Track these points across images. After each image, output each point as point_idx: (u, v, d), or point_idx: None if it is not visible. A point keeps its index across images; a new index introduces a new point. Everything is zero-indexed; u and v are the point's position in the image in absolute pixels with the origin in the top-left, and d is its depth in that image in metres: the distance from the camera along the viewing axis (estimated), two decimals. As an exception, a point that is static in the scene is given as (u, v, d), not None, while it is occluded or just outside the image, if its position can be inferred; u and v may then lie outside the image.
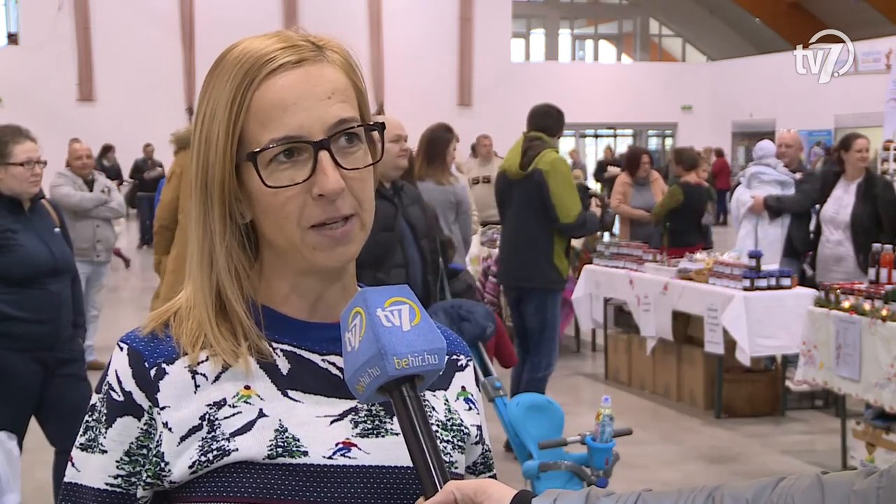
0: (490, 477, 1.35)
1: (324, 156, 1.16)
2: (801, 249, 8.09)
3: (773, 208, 8.01)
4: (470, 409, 1.32)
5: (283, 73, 1.18)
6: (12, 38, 25.22)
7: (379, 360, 1.09)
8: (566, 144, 27.97)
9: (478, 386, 1.37)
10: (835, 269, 7.44)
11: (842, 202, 7.44)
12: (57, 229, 4.44)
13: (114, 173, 14.90)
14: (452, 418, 1.29)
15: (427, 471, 1.10)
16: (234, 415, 1.18)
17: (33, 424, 4.50)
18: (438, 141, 6.64)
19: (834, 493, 1.02)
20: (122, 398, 1.20)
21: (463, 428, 1.29)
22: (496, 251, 9.63)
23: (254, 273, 1.24)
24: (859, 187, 7.37)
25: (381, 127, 1.24)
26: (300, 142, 1.17)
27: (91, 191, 8.21)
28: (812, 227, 8.05)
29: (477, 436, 1.32)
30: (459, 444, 1.28)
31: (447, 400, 1.30)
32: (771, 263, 7.41)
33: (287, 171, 1.17)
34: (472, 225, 6.87)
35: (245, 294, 1.23)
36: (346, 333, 1.14)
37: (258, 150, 1.17)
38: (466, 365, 1.35)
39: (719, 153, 23.59)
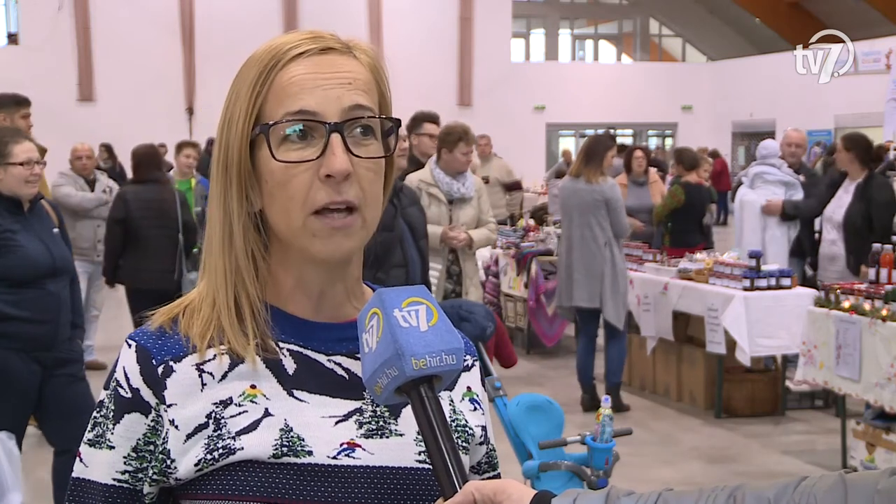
0: (494, 476, 1.36)
1: (335, 138, 1.17)
2: (809, 252, 8.07)
3: (790, 215, 7.97)
4: (475, 409, 1.33)
5: (308, 57, 1.21)
6: (12, 38, 25.19)
7: (397, 360, 1.09)
8: (565, 144, 27.98)
9: (483, 385, 1.38)
10: (830, 268, 7.47)
11: (841, 201, 7.45)
12: (56, 230, 4.44)
13: (116, 174, 14.84)
14: (457, 419, 1.29)
15: (446, 472, 1.10)
16: (240, 413, 1.18)
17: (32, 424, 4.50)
18: (599, 144, 7.22)
19: (857, 492, 1.01)
20: (129, 395, 1.21)
21: (468, 429, 1.30)
22: (496, 251, 9.65)
23: (263, 267, 1.25)
24: (858, 187, 7.36)
25: (398, 123, 1.25)
26: (314, 120, 1.18)
27: (93, 191, 8.21)
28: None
29: (481, 436, 1.32)
30: (464, 444, 1.28)
31: (452, 400, 1.30)
32: (775, 264, 7.40)
33: (299, 150, 1.18)
34: (624, 222, 7.26)
35: (261, 279, 1.24)
36: (364, 334, 1.14)
37: (271, 122, 1.18)
38: (472, 365, 1.35)
39: (714, 154, 23.38)
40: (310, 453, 1.17)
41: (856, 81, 19.81)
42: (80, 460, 1.24)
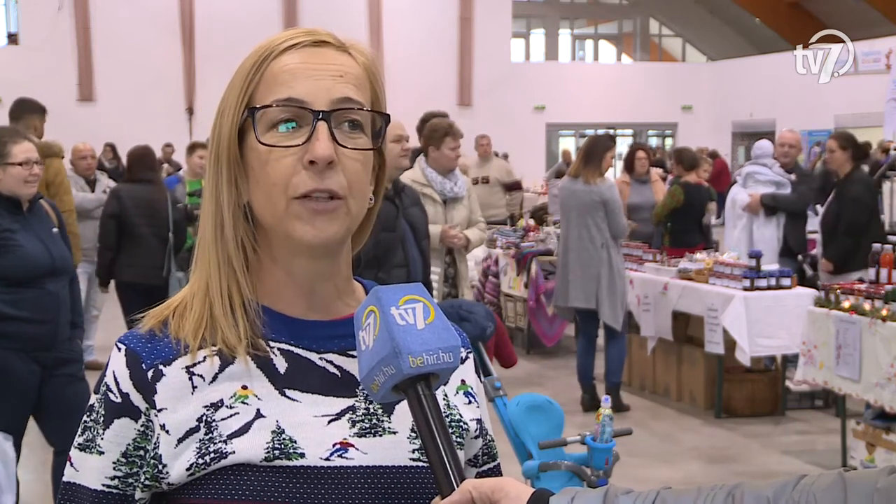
0: (493, 466, 1.35)
1: (321, 125, 1.17)
2: (797, 250, 8.12)
3: (769, 207, 8.03)
4: (469, 402, 1.32)
5: (301, 48, 1.21)
6: (12, 38, 25.18)
7: (394, 358, 1.09)
8: (565, 144, 27.97)
9: (478, 375, 1.37)
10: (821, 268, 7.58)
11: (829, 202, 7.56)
12: (55, 230, 4.44)
13: (119, 173, 14.84)
14: (451, 414, 1.28)
15: (443, 470, 1.09)
16: (231, 416, 1.18)
17: (32, 424, 4.50)
18: (598, 145, 7.19)
19: (857, 490, 1.01)
20: (119, 399, 1.20)
21: (462, 424, 1.29)
22: (496, 251, 9.65)
23: (254, 258, 1.25)
24: (837, 186, 7.43)
25: (387, 119, 1.25)
26: (301, 107, 1.18)
27: (93, 191, 8.22)
28: (809, 227, 8.12)
29: (476, 430, 1.31)
30: (458, 440, 1.28)
31: (446, 395, 1.29)
32: (766, 263, 7.42)
33: (285, 137, 1.19)
34: (622, 223, 7.22)
35: (252, 270, 1.24)
36: (360, 332, 1.13)
37: (259, 106, 1.19)
38: (466, 358, 1.35)
39: (713, 155, 23.32)
40: (302, 455, 1.16)
41: (856, 81, 19.79)
42: (71, 465, 1.23)
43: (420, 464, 1.20)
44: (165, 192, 7.54)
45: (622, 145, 28.17)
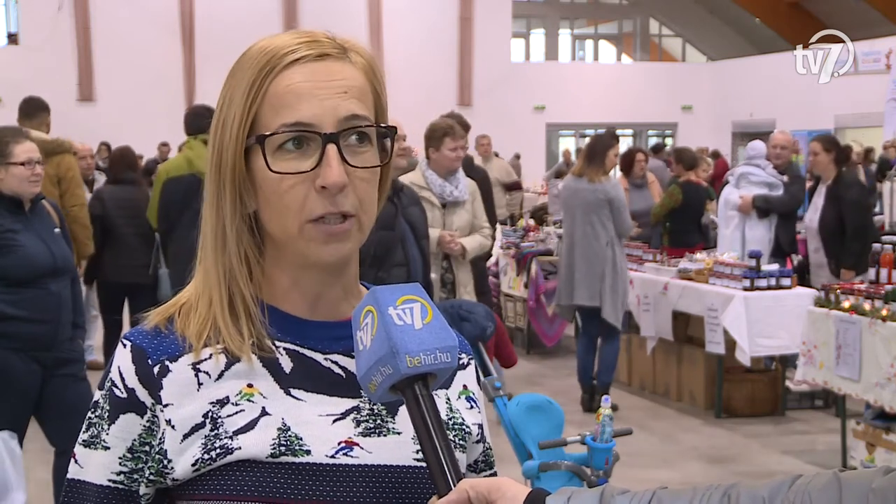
0: (491, 474, 1.35)
1: (331, 149, 1.17)
2: (787, 250, 8.12)
3: (762, 208, 8.02)
4: (471, 407, 1.33)
5: (304, 63, 1.19)
6: (12, 38, 25.16)
7: (391, 358, 1.09)
8: (565, 144, 27.96)
9: (478, 384, 1.38)
10: (820, 273, 7.54)
11: (816, 207, 7.51)
12: (57, 230, 4.44)
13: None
14: (454, 417, 1.29)
15: (440, 469, 1.10)
16: (237, 413, 1.18)
17: (33, 424, 4.50)
18: (601, 144, 7.19)
19: (852, 490, 1.01)
20: (125, 395, 1.20)
21: (465, 427, 1.29)
22: (496, 251, 9.65)
23: (257, 269, 1.24)
24: (828, 190, 7.42)
25: (394, 131, 1.24)
26: (310, 131, 1.17)
27: (91, 191, 8.22)
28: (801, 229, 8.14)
29: (478, 434, 1.32)
30: (461, 443, 1.28)
31: (449, 399, 1.30)
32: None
33: (294, 160, 1.18)
34: (628, 221, 7.22)
35: (255, 280, 1.23)
36: (358, 332, 1.14)
37: (268, 133, 1.18)
38: (468, 364, 1.35)
39: (715, 155, 23.29)
40: (308, 452, 1.17)
41: (856, 81, 19.79)
42: (76, 461, 1.23)
43: (424, 464, 1.20)
44: (147, 190, 7.62)
45: (622, 145, 28.12)
